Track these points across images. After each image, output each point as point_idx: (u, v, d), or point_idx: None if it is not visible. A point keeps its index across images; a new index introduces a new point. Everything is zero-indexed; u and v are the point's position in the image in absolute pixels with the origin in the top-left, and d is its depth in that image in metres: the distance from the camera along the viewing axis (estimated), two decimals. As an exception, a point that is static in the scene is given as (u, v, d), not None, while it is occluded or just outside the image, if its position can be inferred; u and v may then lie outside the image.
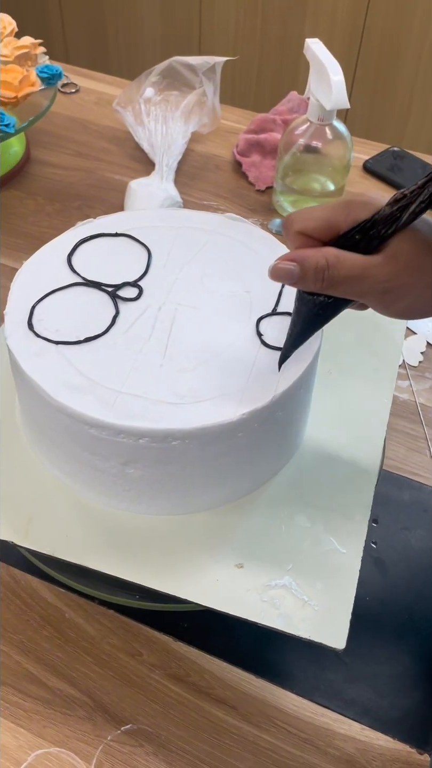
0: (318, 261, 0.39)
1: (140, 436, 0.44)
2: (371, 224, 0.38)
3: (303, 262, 0.39)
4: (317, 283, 0.39)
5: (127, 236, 0.55)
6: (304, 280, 0.39)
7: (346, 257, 0.39)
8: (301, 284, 0.40)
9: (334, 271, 0.39)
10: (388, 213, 0.38)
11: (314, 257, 0.39)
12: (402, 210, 0.38)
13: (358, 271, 0.38)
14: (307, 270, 0.39)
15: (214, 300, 0.51)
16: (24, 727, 0.51)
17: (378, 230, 0.38)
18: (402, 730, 0.51)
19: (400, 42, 1.53)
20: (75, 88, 1.05)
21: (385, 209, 0.38)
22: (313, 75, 0.78)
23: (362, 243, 0.39)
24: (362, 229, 0.39)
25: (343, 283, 0.39)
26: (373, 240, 0.39)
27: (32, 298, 0.50)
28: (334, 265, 0.38)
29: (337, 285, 0.39)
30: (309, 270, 0.39)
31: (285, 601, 0.45)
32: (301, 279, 0.39)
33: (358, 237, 0.39)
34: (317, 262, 0.39)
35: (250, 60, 1.66)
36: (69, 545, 0.48)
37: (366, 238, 0.39)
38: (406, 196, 0.38)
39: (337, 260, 0.38)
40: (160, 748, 0.50)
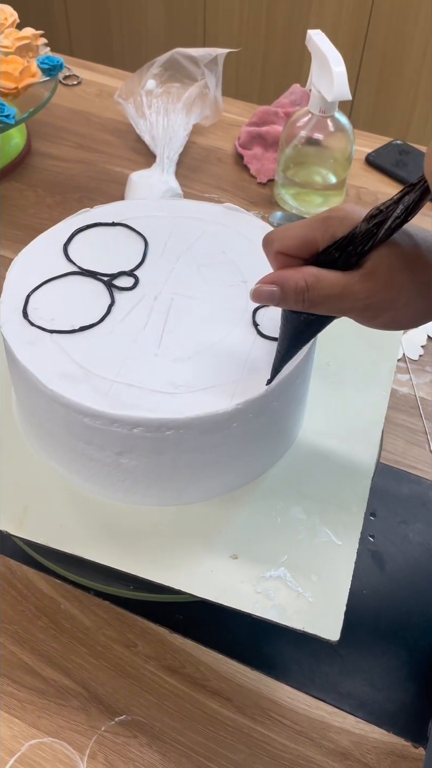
0: (297, 282, 0.39)
1: (134, 426, 0.44)
2: (348, 241, 0.38)
3: (283, 284, 0.39)
4: (298, 304, 0.39)
5: (123, 226, 0.54)
6: (285, 302, 0.40)
7: (326, 276, 0.39)
8: (284, 305, 0.40)
9: (313, 291, 0.39)
10: (365, 229, 0.38)
11: (293, 279, 0.39)
12: (378, 226, 0.37)
13: (337, 290, 0.39)
14: (288, 292, 0.39)
15: (211, 290, 0.50)
16: (18, 717, 0.50)
17: (355, 247, 0.38)
18: (397, 724, 0.51)
19: (406, 35, 1.52)
20: (77, 80, 1.05)
21: (361, 225, 0.38)
22: (314, 66, 0.78)
23: (341, 260, 0.39)
24: (339, 246, 0.39)
25: (323, 302, 0.39)
26: (351, 257, 0.38)
27: (28, 286, 0.50)
28: (314, 286, 0.39)
29: (318, 305, 0.39)
30: (289, 292, 0.39)
31: (279, 592, 0.45)
32: (283, 300, 0.40)
33: (336, 254, 0.39)
34: (296, 283, 0.39)
35: (255, 52, 1.66)
36: (64, 535, 0.47)
37: (344, 254, 0.39)
38: (381, 212, 0.37)
39: (316, 280, 0.39)
40: (154, 739, 0.50)
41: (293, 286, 0.39)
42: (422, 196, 0.37)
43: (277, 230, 0.41)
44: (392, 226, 0.37)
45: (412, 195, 0.37)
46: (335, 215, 0.39)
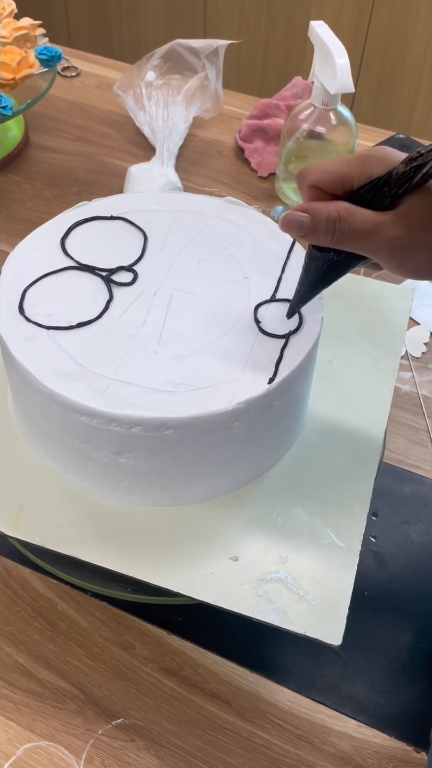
0: (330, 213, 0.38)
1: (133, 425, 0.42)
2: (384, 182, 0.38)
3: (315, 213, 0.39)
4: (328, 235, 0.39)
5: (122, 219, 0.53)
6: (314, 232, 0.39)
7: (358, 212, 0.38)
8: (312, 236, 0.40)
9: (345, 223, 0.38)
10: (402, 172, 0.37)
11: (326, 209, 0.38)
12: (416, 170, 0.37)
13: (369, 225, 0.38)
14: (319, 221, 0.39)
15: (212, 286, 0.49)
16: (13, 720, 0.50)
17: (390, 188, 0.38)
18: (399, 728, 0.50)
19: (408, 28, 1.51)
20: (75, 72, 1.04)
21: (399, 167, 0.38)
22: (317, 58, 0.76)
23: (375, 200, 0.38)
24: (375, 186, 0.38)
25: (353, 236, 0.39)
26: (386, 198, 0.38)
27: (24, 281, 0.48)
28: (346, 218, 0.38)
29: (348, 239, 0.39)
30: (320, 221, 0.39)
31: (280, 595, 0.44)
32: (312, 231, 0.39)
33: (371, 194, 0.38)
34: (329, 213, 0.38)
35: (255, 44, 1.64)
36: (60, 536, 0.46)
37: (378, 195, 0.38)
38: (422, 155, 0.37)
39: (348, 213, 0.38)
40: (151, 743, 0.49)
41: (325, 215, 0.38)
42: None
43: (314, 164, 0.40)
44: (430, 172, 0.37)
45: None
46: (374, 154, 0.39)
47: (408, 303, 0.60)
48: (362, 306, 0.60)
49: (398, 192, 0.38)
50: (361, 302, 0.60)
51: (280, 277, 0.50)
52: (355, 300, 0.60)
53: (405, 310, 0.60)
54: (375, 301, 0.60)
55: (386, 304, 0.60)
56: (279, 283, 0.49)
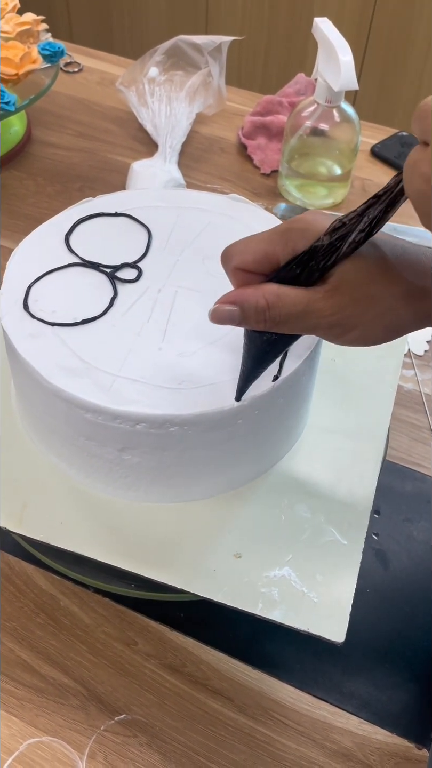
0: (258, 302, 0.37)
1: (137, 422, 0.43)
2: (309, 255, 0.36)
3: (242, 304, 0.37)
4: (259, 324, 0.37)
5: (127, 216, 0.53)
6: (246, 322, 0.38)
7: (287, 294, 0.36)
8: (245, 325, 0.38)
9: (275, 310, 0.37)
10: (327, 243, 0.35)
11: (253, 298, 0.37)
12: (341, 239, 0.35)
13: (300, 307, 0.36)
14: (248, 312, 0.37)
15: (216, 283, 0.49)
16: (16, 716, 0.50)
17: (317, 262, 0.36)
18: (400, 725, 0.50)
19: (411, 25, 1.50)
20: (78, 68, 1.03)
21: (323, 239, 0.35)
22: (321, 55, 0.76)
23: (303, 275, 0.36)
24: (301, 261, 0.36)
25: (286, 321, 0.37)
26: (314, 272, 0.36)
27: (28, 278, 0.48)
28: (275, 304, 0.36)
29: (281, 324, 0.37)
30: (249, 312, 0.37)
31: (284, 592, 0.44)
32: (243, 321, 0.38)
33: (297, 270, 0.36)
34: (257, 302, 0.37)
35: (258, 40, 1.64)
36: (64, 532, 0.47)
37: (306, 270, 0.36)
38: (345, 225, 0.35)
39: (277, 299, 0.36)
40: (154, 738, 0.49)
41: (253, 305, 0.37)
42: (387, 208, 0.34)
43: (235, 244, 0.38)
44: (357, 240, 0.35)
45: (378, 207, 0.34)
46: (296, 227, 0.37)
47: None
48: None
49: (326, 264, 0.36)
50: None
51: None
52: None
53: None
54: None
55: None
56: (283, 281, 0.49)
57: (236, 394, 0.43)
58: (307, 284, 0.37)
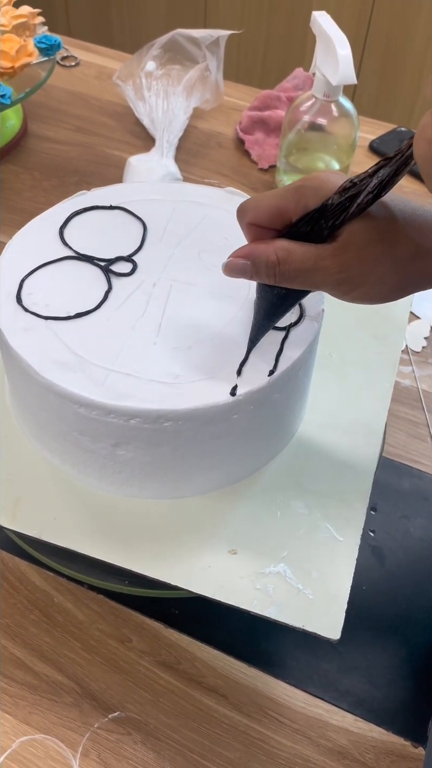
0: (269, 257, 0.38)
1: (131, 417, 0.42)
2: (320, 213, 0.37)
3: (254, 258, 0.39)
4: (270, 278, 0.39)
5: (122, 209, 0.53)
6: (257, 276, 0.39)
7: (297, 250, 0.38)
8: (256, 279, 0.40)
9: (285, 266, 0.38)
10: (338, 202, 0.36)
11: (265, 253, 0.38)
12: (351, 199, 0.36)
13: (309, 264, 0.38)
14: (259, 266, 0.39)
15: (212, 277, 0.49)
16: (9, 713, 0.49)
17: (327, 220, 0.37)
18: (396, 723, 0.50)
19: (410, 20, 1.50)
20: (75, 62, 1.03)
21: (334, 198, 0.37)
22: (319, 49, 0.76)
23: (313, 232, 0.38)
24: (311, 218, 0.37)
25: (295, 277, 0.38)
26: (323, 229, 0.37)
27: (22, 271, 0.48)
28: (285, 260, 0.38)
29: (290, 279, 0.39)
30: (261, 266, 0.39)
31: (279, 589, 0.44)
32: (255, 275, 0.39)
33: (308, 227, 0.38)
34: (268, 257, 0.38)
35: (256, 35, 1.63)
36: (57, 528, 0.46)
37: (316, 227, 0.37)
38: (355, 185, 0.36)
39: (287, 254, 0.38)
40: (148, 736, 0.49)
41: (264, 260, 0.38)
42: (397, 171, 0.36)
43: (250, 200, 0.40)
44: (365, 201, 0.36)
45: (387, 169, 0.36)
46: (309, 185, 0.38)
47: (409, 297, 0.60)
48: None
49: (335, 223, 0.37)
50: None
51: (280, 268, 0.49)
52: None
53: (406, 304, 0.59)
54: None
55: (387, 297, 0.60)
56: (280, 275, 0.49)
57: (247, 348, 0.44)
58: (316, 241, 0.38)
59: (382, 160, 0.36)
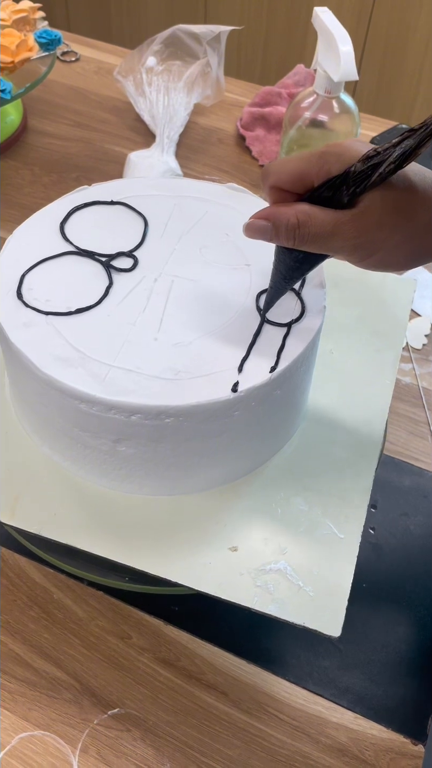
0: (289, 219, 0.39)
1: (132, 413, 0.42)
2: (341, 180, 0.38)
3: (275, 220, 0.39)
4: (289, 240, 0.40)
5: (123, 204, 0.52)
6: (277, 238, 0.40)
7: (317, 214, 0.39)
8: (275, 241, 0.41)
9: (304, 229, 0.39)
10: (360, 170, 0.37)
11: (285, 215, 0.39)
12: (373, 169, 0.37)
13: (328, 228, 0.38)
14: (279, 228, 0.39)
15: (213, 272, 0.49)
16: (8, 710, 0.49)
17: (348, 187, 0.38)
18: (396, 720, 0.50)
19: (410, 17, 1.49)
20: (75, 57, 1.02)
21: (357, 165, 0.38)
22: (321, 45, 0.75)
23: (334, 198, 0.38)
24: (333, 184, 0.38)
25: (314, 240, 0.39)
26: (344, 196, 0.38)
27: (22, 266, 0.48)
28: (305, 223, 0.39)
29: (309, 242, 0.39)
30: (281, 228, 0.39)
31: (279, 586, 0.44)
32: (275, 236, 0.40)
33: (329, 193, 0.38)
34: (288, 220, 0.39)
35: (257, 31, 1.62)
36: (57, 524, 0.46)
37: (337, 193, 0.38)
38: (379, 154, 0.37)
39: (307, 218, 0.39)
40: (147, 733, 0.49)
41: (285, 222, 0.39)
42: (421, 143, 0.36)
43: (274, 163, 0.41)
44: (386, 170, 0.37)
45: (411, 141, 0.36)
46: (332, 151, 0.39)
47: (410, 294, 0.60)
48: (364, 296, 0.59)
49: (356, 190, 0.38)
50: (363, 292, 0.59)
51: (282, 265, 0.49)
52: (356, 290, 0.59)
53: (407, 301, 0.59)
54: (377, 291, 0.60)
55: (388, 294, 0.59)
56: (281, 271, 0.49)
57: (264, 307, 0.45)
58: (336, 207, 0.39)
59: (406, 131, 0.36)
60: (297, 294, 0.47)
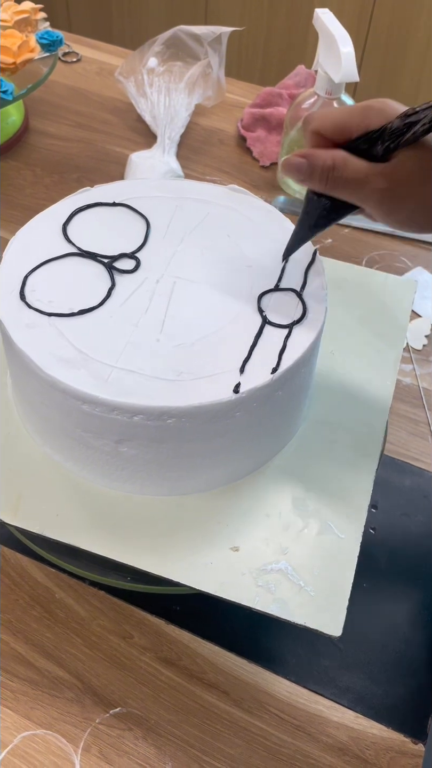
0: (326, 161, 0.41)
1: (135, 414, 0.42)
2: (379, 135, 0.40)
3: (312, 159, 0.41)
4: (322, 181, 0.41)
5: (125, 206, 0.53)
6: (311, 177, 0.41)
7: (353, 161, 0.40)
8: (308, 181, 0.42)
9: (338, 172, 0.40)
10: (396, 127, 0.39)
11: (323, 157, 0.41)
12: (409, 126, 0.38)
13: (360, 176, 0.40)
14: (315, 167, 0.41)
15: (215, 274, 0.49)
16: (11, 709, 0.49)
17: (384, 142, 0.40)
18: (396, 719, 0.50)
19: (411, 17, 1.49)
20: (76, 57, 1.02)
21: (394, 122, 0.39)
22: (321, 46, 0.75)
23: (370, 151, 0.40)
24: (370, 137, 0.40)
25: (345, 185, 0.41)
26: (379, 150, 0.40)
27: (25, 267, 0.48)
28: (340, 167, 0.40)
29: (340, 186, 0.41)
30: (316, 168, 0.41)
31: (281, 585, 0.44)
32: (309, 176, 0.41)
33: (365, 146, 0.40)
34: (324, 161, 0.41)
35: (257, 32, 1.63)
36: (59, 524, 0.46)
37: (373, 147, 0.40)
38: (416, 113, 0.39)
39: (343, 162, 0.40)
40: (149, 732, 0.49)
41: (321, 162, 0.41)
42: None
43: (318, 111, 0.44)
44: (421, 130, 0.38)
45: None
46: (375, 106, 0.41)
47: (411, 294, 0.60)
48: (365, 297, 0.59)
49: (390, 146, 0.39)
50: (364, 293, 0.60)
51: (283, 266, 0.49)
52: (357, 291, 0.60)
53: (408, 302, 0.60)
54: (377, 292, 0.60)
55: (389, 295, 0.60)
56: (282, 273, 0.49)
57: (284, 253, 0.48)
58: (371, 160, 0.40)
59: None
60: (298, 295, 0.48)
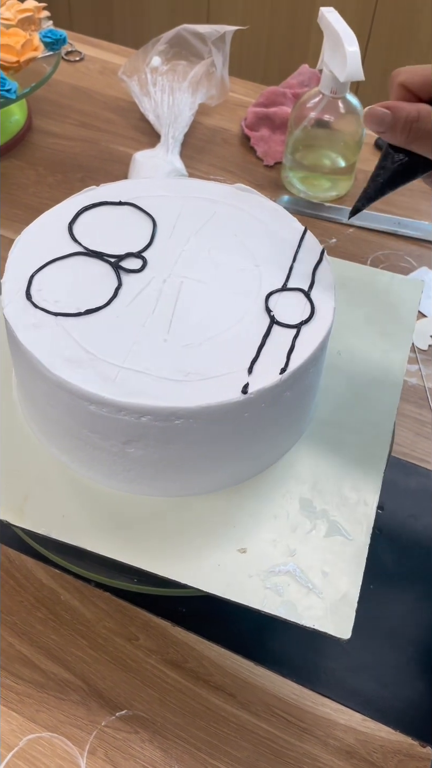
0: (410, 112, 0.41)
1: (142, 414, 0.42)
2: None
3: (396, 110, 0.41)
4: (404, 133, 0.41)
5: (131, 205, 0.52)
6: (392, 129, 0.41)
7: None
8: (390, 133, 0.42)
9: (422, 123, 0.40)
10: None
11: (407, 108, 0.41)
12: None
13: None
14: (398, 118, 0.41)
15: (222, 273, 0.49)
16: (16, 711, 0.49)
17: None
18: (404, 722, 0.50)
19: (414, 17, 1.49)
20: (79, 56, 1.02)
21: None
22: (326, 45, 0.75)
23: None
24: None
25: (427, 137, 0.41)
26: None
27: (31, 267, 0.48)
28: (424, 119, 0.40)
29: (421, 139, 0.41)
30: (400, 119, 0.41)
31: (289, 588, 0.44)
32: (391, 127, 0.41)
33: None
34: (409, 112, 0.41)
35: (259, 31, 1.62)
36: (65, 526, 0.46)
37: None
38: None
39: (428, 115, 0.40)
40: (155, 735, 0.49)
41: (405, 114, 0.41)
42: None
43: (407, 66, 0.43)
44: None
45: None
46: None
47: (417, 294, 0.60)
48: (371, 297, 0.59)
49: None
50: (370, 293, 0.59)
51: (291, 266, 0.49)
52: (363, 291, 0.59)
53: (414, 302, 0.59)
54: (384, 292, 0.60)
55: (395, 295, 0.59)
56: (290, 272, 0.49)
57: (352, 210, 0.47)
58: None
59: None
60: (306, 295, 0.47)
